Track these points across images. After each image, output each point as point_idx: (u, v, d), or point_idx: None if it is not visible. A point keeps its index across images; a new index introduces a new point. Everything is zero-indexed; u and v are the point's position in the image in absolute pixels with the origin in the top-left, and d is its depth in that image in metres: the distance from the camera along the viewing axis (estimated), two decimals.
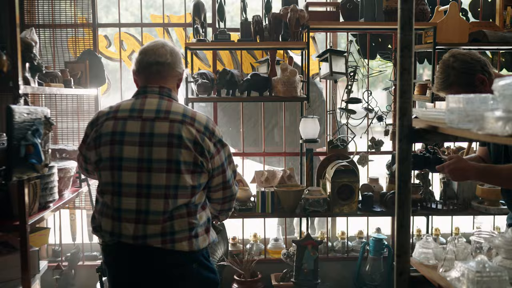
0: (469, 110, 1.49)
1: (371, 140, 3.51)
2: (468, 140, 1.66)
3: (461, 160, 2.14)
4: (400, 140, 1.65)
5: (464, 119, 1.50)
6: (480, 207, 3.15)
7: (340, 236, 3.76)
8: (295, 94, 3.05)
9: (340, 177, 3.09)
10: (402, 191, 1.67)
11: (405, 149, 1.65)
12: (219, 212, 2.21)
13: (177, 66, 2.11)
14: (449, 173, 2.13)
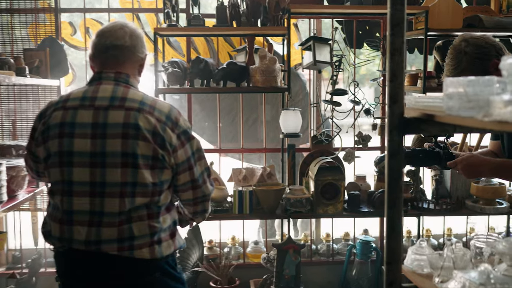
0: (471, 95, 1.30)
1: (358, 135, 3.32)
2: (470, 131, 1.47)
3: (474, 156, 2.02)
4: (390, 131, 1.45)
5: (465, 105, 1.31)
6: (475, 207, 2.98)
7: (325, 239, 3.57)
8: (275, 84, 2.85)
9: (324, 175, 2.89)
10: (392, 190, 1.48)
11: (396, 142, 1.45)
12: (192, 214, 2.01)
13: (138, 50, 1.90)
14: (462, 170, 2.02)
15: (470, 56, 1.97)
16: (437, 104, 1.50)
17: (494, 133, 1.92)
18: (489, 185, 2.96)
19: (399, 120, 1.45)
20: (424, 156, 2.25)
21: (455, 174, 3.13)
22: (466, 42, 1.99)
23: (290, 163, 3.21)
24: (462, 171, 2.06)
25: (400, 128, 1.45)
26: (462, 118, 1.31)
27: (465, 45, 1.99)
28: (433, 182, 3.23)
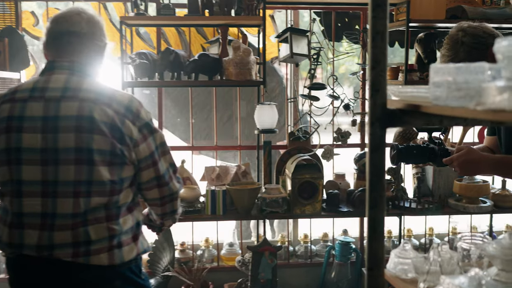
0: (460, 83, 1.19)
1: (337, 131, 3.21)
2: (459, 123, 1.35)
3: (472, 151, 1.90)
4: (372, 124, 1.32)
5: (454, 94, 1.19)
6: (458, 206, 2.89)
7: (303, 240, 3.45)
8: (249, 77, 2.71)
9: (302, 173, 2.77)
10: (374, 188, 1.36)
11: (378, 135, 1.33)
12: (161, 216, 1.87)
13: (96, 38, 1.75)
14: (459, 167, 1.91)
15: (468, 46, 1.88)
16: (423, 94, 1.39)
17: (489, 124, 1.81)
18: (473, 183, 2.87)
19: (381, 111, 1.32)
20: (418, 153, 2.13)
21: (437, 171, 3.04)
22: (463, 31, 1.90)
23: (266, 161, 3.08)
24: (459, 168, 1.94)
25: (382, 120, 1.33)
26: (452, 109, 1.20)
27: (462, 35, 1.89)
28: (415, 180, 3.14)
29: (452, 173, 3.06)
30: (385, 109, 1.35)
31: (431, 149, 2.11)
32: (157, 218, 1.89)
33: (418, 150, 2.10)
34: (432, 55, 2.99)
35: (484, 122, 1.35)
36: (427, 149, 2.11)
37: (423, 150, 2.11)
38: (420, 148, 2.12)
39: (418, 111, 1.36)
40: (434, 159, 2.10)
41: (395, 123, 1.40)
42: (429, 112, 1.30)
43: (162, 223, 1.92)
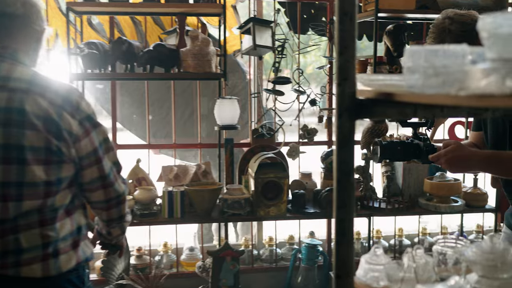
0: (439, 67, 1.07)
1: (303, 128, 3.08)
2: (435, 114, 1.23)
3: (461, 147, 1.81)
4: (340, 115, 1.19)
5: (432, 80, 1.08)
6: (428, 205, 2.80)
7: (268, 243, 3.31)
8: (209, 69, 2.55)
9: (265, 172, 2.63)
10: (343, 187, 1.23)
11: (347, 128, 1.20)
12: (107, 223, 1.69)
13: (33, 22, 1.57)
14: (447, 164, 1.81)
15: (455, 34, 1.78)
16: (396, 82, 1.26)
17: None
18: (444, 181, 2.79)
19: (350, 101, 1.19)
20: (403, 149, 2.02)
21: (407, 169, 2.95)
22: (450, 19, 1.80)
23: (228, 160, 2.93)
24: (446, 165, 1.84)
25: (352, 111, 1.20)
26: (430, 96, 1.08)
27: (449, 23, 1.79)
28: (384, 179, 3.04)
29: (422, 171, 2.97)
30: (354, 99, 1.22)
31: (416, 145, 2.00)
32: (103, 226, 1.72)
33: (402, 146, 2.00)
34: (402, 47, 2.89)
35: (464, 110, 1.23)
36: (412, 145, 2.00)
37: (407, 146, 2.01)
38: (404, 144, 2.01)
39: (390, 101, 1.23)
40: (420, 155, 2.00)
41: (365, 114, 1.27)
42: (403, 100, 1.18)
43: (109, 232, 1.74)
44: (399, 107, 1.24)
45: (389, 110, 1.25)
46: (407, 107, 1.25)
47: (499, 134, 1.91)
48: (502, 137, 1.89)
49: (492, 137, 1.94)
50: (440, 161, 1.85)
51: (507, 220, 2.05)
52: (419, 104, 1.25)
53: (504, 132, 1.87)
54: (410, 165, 2.95)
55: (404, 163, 2.95)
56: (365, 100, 1.22)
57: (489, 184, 3.04)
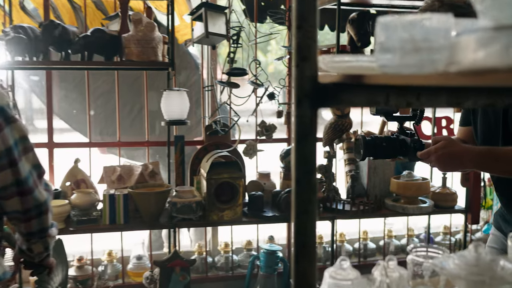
0: (419, 40, 0.89)
1: (261, 124, 2.89)
2: (412, 100, 1.05)
3: (453, 143, 1.66)
4: (298, 103, 1.00)
5: (410, 57, 0.90)
6: (395, 207, 2.65)
7: (223, 249, 3.11)
8: (154, 57, 2.33)
9: (219, 173, 2.42)
10: (302, 189, 1.04)
11: (308, 118, 1.01)
12: (27, 237, 1.45)
13: None
14: (437, 161, 1.66)
15: None
16: (365, 64, 1.08)
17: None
18: (411, 180, 2.65)
19: (311, 86, 1.00)
20: (388, 145, 1.84)
21: (373, 168, 2.80)
22: (439, 2, 1.64)
23: (178, 159, 2.70)
24: (437, 162, 1.69)
25: (313, 97, 1.00)
26: (410, 77, 0.89)
27: (438, 5, 1.63)
28: (348, 179, 2.88)
29: (388, 170, 2.82)
30: (316, 83, 1.02)
31: (402, 141, 1.84)
32: (23, 241, 1.48)
33: (388, 142, 1.82)
34: (366, 37, 2.73)
35: (443, 99, 1.06)
36: (398, 141, 1.83)
37: (393, 142, 1.84)
38: (390, 140, 1.84)
39: (359, 85, 1.04)
40: (406, 152, 1.83)
41: (329, 102, 1.07)
42: (375, 83, 0.99)
43: (30, 248, 1.50)
44: (369, 93, 1.05)
45: (357, 96, 1.06)
46: (379, 92, 1.07)
47: (490, 129, 1.77)
48: (494, 131, 1.75)
49: (483, 132, 1.80)
50: (430, 158, 1.70)
51: (496, 221, 1.93)
52: (392, 88, 1.07)
53: (497, 126, 1.73)
54: (375, 164, 2.79)
55: (368, 161, 2.79)
56: (329, 85, 1.03)
57: (458, 183, 2.94)
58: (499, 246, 1.87)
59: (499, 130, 1.70)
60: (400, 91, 1.08)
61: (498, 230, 1.88)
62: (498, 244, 1.87)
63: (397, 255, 3.38)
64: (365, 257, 3.30)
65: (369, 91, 1.05)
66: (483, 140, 1.79)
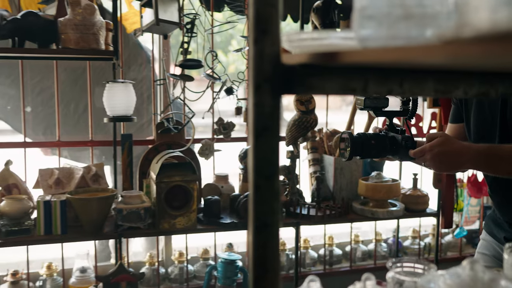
0: (411, 5, 0.71)
1: (218, 122, 2.68)
2: (395, 88, 0.86)
3: (450, 140, 1.53)
4: (257, 88, 0.81)
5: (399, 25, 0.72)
6: (364, 211, 2.48)
7: (177, 259, 2.88)
8: (95, 45, 2.09)
9: (170, 175, 2.20)
10: (262, 197, 0.85)
11: (268, 108, 0.82)
12: None
13: None
14: (433, 160, 1.52)
15: None
16: (341, 41, 0.91)
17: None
18: (381, 182, 2.49)
19: (274, 68, 0.81)
20: (377, 144, 1.67)
21: (339, 169, 2.62)
22: None
23: (126, 160, 2.47)
24: (432, 162, 1.54)
25: (275, 82, 0.81)
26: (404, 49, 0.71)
27: None
28: (312, 181, 2.70)
29: (356, 171, 2.66)
30: (278, 64, 0.82)
31: (392, 138, 1.68)
32: None
33: (377, 140, 1.67)
34: (332, 26, 2.56)
35: (430, 87, 0.89)
36: (388, 138, 1.68)
37: (382, 140, 1.68)
38: (378, 137, 1.68)
39: (332, 68, 0.86)
40: (397, 151, 1.67)
41: (295, 88, 0.88)
42: (353, 63, 0.80)
43: None
44: (343, 78, 0.86)
45: (329, 83, 0.87)
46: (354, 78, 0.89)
47: (486, 125, 1.64)
48: (490, 128, 1.62)
49: (477, 129, 1.67)
50: (425, 157, 1.55)
51: (487, 226, 1.81)
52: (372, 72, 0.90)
53: (493, 121, 1.60)
54: (342, 164, 2.62)
55: (335, 161, 2.62)
56: (295, 67, 0.83)
57: (429, 183, 2.80)
58: (490, 252, 1.76)
59: (496, 126, 1.57)
60: (381, 76, 0.91)
61: (490, 235, 1.77)
62: (489, 250, 1.77)
63: (364, 261, 3.23)
64: (330, 264, 3.13)
65: (344, 76, 0.87)
66: (476, 138, 1.66)
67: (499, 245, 1.72)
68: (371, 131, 1.76)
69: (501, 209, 1.69)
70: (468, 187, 3.33)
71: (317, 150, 2.75)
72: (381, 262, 3.24)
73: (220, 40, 9.13)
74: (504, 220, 1.68)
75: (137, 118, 3.12)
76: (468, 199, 3.42)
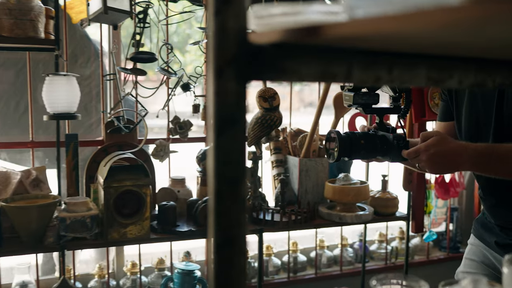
0: None
1: (174, 120, 2.50)
2: (383, 76, 0.72)
3: (447, 140, 1.44)
4: (218, 72, 0.65)
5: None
6: (331, 215, 2.35)
7: (130, 270, 2.69)
8: (33, 33, 1.88)
9: (120, 179, 2.01)
10: (224, 206, 0.70)
11: (232, 96, 0.66)
12: None
13: None
14: (429, 161, 1.43)
15: None
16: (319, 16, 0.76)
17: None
18: (349, 184, 2.36)
19: (239, 47, 0.65)
20: (367, 143, 1.55)
21: (305, 171, 2.49)
22: None
23: (71, 163, 2.26)
24: (428, 163, 1.44)
25: (241, 65, 0.65)
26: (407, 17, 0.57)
27: None
28: (276, 184, 2.56)
29: (322, 172, 2.52)
30: (245, 42, 0.66)
31: (382, 137, 1.56)
32: None
33: (366, 139, 1.56)
34: None
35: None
36: (376, 137, 1.56)
37: (372, 139, 1.56)
38: (367, 136, 1.57)
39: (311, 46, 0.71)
40: (388, 151, 1.57)
41: (265, 72, 0.72)
42: (339, 37, 0.66)
43: None
44: (324, 61, 0.73)
45: (306, 66, 0.73)
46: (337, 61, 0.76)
47: (479, 122, 1.55)
48: (484, 125, 1.53)
49: (469, 126, 1.58)
50: (420, 158, 1.46)
51: (476, 230, 1.73)
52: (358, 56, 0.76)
53: (488, 118, 1.53)
54: (307, 166, 2.49)
55: (300, 162, 2.48)
56: (266, 47, 0.68)
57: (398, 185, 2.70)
58: (479, 258, 1.68)
59: (491, 123, 1.49)
60: (367, 60, 0.78)
61: (479, 239, 1.69)
62: (478, 256, 1.69)
63: (330, 267, 3.11)
64: (295, 272, 3.00)
65: (324, 58, 0.73)
66: (468, 136, 1.58)
67: (489, 250, 1.65)
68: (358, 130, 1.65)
69: (493, 212, 1.61)
70: (436, 188, 3.26)
71: (280, 150, 2.61)
72: (347, 268, 3.13)
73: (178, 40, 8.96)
74: (495, 224, 1.61)
75: (85, 117, 2.92)
76: (435, 201, 3.35)
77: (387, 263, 3.25)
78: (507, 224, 1.56)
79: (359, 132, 1.58)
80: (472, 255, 1.72)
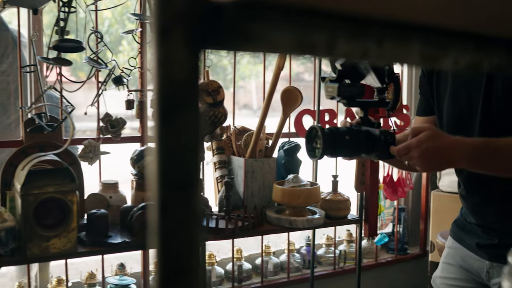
0: None
1: (104, 118, 2.27)
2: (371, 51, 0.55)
3: (439, 135, 1.35)
4: (163, 34, 0.45)
5: None
6: (281, 220, 2.20)
7: (55, 287, 2.43)
8: None
9: (41, 185, 1.77)
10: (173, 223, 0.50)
11: (182, 67, 0.46)
12: None
13: None
14: (421, 158, 1.33)
15: None
16: None
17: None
18: (299, 186, 2.22)
19: (191, 3, 0.45)
20: (352, 139, 1.43)
21: (250, 172, 2.32)
22: None
23: None
24: (420, 159, 1.34)
25: (194, 26, 0.46)
26: None
27: None
28: (219, 187, 2.37)
29: (269, 173, 2.36)
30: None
31: (367, 133, 1.45)
32: None
33: (351, 135, 1.45)
34: None
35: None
36: (361, 133, 1.45)
37: (357, 135, 1.45)
38: (352, 132, 1.45)
39: (285, 5, 0.51)
40: (374, 148, 1.45)
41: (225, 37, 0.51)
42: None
43: None
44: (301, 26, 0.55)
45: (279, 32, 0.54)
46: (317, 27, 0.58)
47: (463, 114, 1.47)
48: (469, 118, 1.46)
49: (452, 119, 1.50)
50: (411, 154, 1.35)
51: (454, 233, 1.66)
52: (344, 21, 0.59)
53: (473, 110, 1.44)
54: (253, 166, 2.32)
55: (245, 163, 2.31)
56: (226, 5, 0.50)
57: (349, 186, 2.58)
58: (457, 262, 1.63)
59: (476, 115, 1.43)
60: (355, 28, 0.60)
61: (459, 242, 1.63)
62: (456, 260, 1.63)
63: (276, 275, 2.96)
64: (240, 281, 2.83)
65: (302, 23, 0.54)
66: (450, 130, 1.46)
67: (469, 253, 1.59)
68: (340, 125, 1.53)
69: (475, 212, 1.55)
70: (384, 188, 3.18)
71: (223, 151, 2.43)
72: (294, 275, 3.00)
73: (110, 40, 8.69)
74: (477, 224, 1.55)
75: (3, 116, 2.65)
76: (384, 202, 3.28)
77: (335, 268, 3.14)
78: (489, 224, 1.51)
79: (343, 128, 1.45)
80: (450, 259, 1.67)
